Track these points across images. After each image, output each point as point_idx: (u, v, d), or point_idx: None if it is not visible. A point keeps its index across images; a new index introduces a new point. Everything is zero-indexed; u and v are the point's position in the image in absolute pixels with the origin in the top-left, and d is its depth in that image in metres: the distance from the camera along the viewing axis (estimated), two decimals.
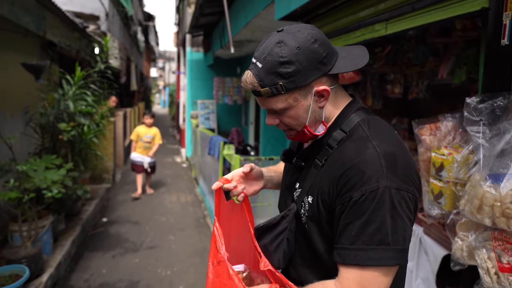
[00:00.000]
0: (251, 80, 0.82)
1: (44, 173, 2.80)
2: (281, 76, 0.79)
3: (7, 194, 2.58)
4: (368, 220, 0.72)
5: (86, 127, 3.74)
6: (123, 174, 6.85)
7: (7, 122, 3.52)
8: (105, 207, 4.93)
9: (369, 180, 0.73)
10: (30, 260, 2.57)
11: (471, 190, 1.33)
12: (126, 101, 10.90)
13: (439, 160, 1.57)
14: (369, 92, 3.60)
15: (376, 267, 0.72)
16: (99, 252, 3.50)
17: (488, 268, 1.31)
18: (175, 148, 10.85)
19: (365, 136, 0.81)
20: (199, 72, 8.45)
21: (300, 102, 0.83)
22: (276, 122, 0.89)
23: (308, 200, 0.86)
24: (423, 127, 1.71)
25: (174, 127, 15.39)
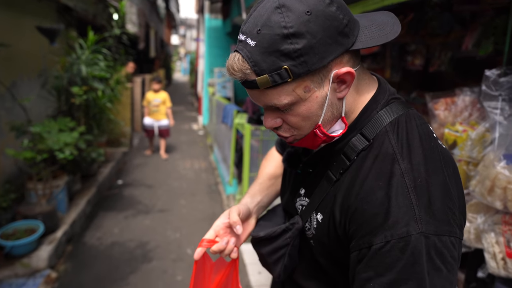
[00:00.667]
0: (241, 66, 0.58)
1: (58, 135, 2.86)
2: (286, 56, 0.56)
3: (22, 153, 2.67)
4: (397, 279, 0.53)
5: (100, 92, 3.77)
6: (141, 139, 6.98)
7: (24, 85, 3.59)
8: (121, 170, 5.08)
9: (396, 223, 0.54)
10: (45, 216, 2.69)
11: (484, 170, 1.24)
12: (146, 68, 10.92)
13: (452, 137, 1.46)
14: (388, 64, 3.41)
15: None
16: (112, 213, 3.64)
17: (495, 253, 1.24)
18: (193, 115, 10.91)
19: (391, 153, 0.60)
20: (217, 40, 8.28)
21: (314, 92, 0.60)
22: (278, 124, 0.65)
23: (317, 218, 0.70)
24: (437, 101, 1.59)
25: (193, 94, 15.43)
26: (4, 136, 3.22)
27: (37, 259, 2.49)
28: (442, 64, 2.78)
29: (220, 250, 0.78)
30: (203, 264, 0.80)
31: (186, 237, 3.22)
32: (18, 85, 3.47)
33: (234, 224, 0.78)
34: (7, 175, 3.29)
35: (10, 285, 2.31)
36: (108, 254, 2.87)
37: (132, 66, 6.59)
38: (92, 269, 2.66)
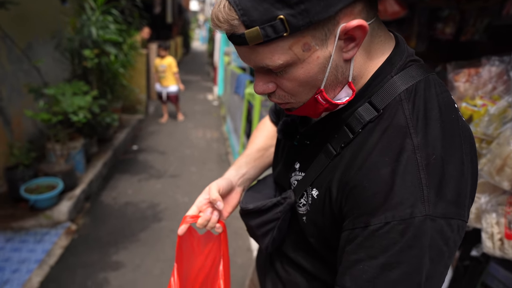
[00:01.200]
0: (228, 15, 0.47)
1: (72, 98, 2.98)
2: (282, 3, 0.45)
3: (39, 115, 2.81)
4: (390, 262, 0.47)
5: (113, 57, 3.83)
6: (156, 107, 7.11)
7: (40, 47, 3.68)
8: (136, 136, 5.24)
9: (400, 204, 0.47)
10: (64, 174, 2.87)
11: (497, 148, 1.18)
12: (163, 34, 10.85)
13: (469, 112, 1.41)
14: (414, 32, 3.16)
15: None
16: (126, 175, 3.82)
17: (493, 233, 1.21)
18: (209, 85, 10.92)
19: (404, 125, 0.51)
20: None
21: (315, 51, 0.49)
22: (271, 89, 0.55)
23: (312, 194, 0.63)
24: (459, 72, 1.50)
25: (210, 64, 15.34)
26: (23, 98, 3.37)
27: (58, 213, 2.69)
28: (476, 33, 2.52)
29: (204, 224, 0.76)
30: (190, 238, 0.81)
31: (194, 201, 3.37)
32: (34, 47, 3.57)
33: (214, 201, 0.76)
34: (29, 135, 3.48)
35: (36, 233, 2.54)
36: (122, 213, 3.06)
37: (148, 31, 6.58)
38: (107, 224, 2.85)
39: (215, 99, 8.90)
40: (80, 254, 2.43)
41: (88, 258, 2.40)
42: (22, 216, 2.61)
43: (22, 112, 3.32)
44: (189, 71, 13.19)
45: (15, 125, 3.23)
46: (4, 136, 3.07)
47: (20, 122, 3.32)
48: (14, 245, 2.37)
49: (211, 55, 15.42)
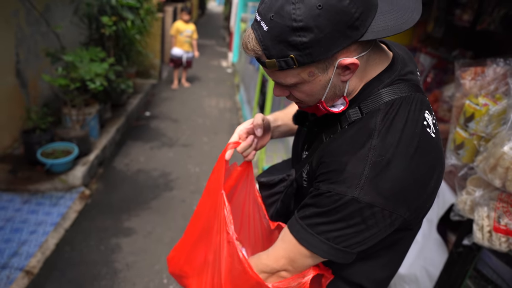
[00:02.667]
0: (254, 46, 0.63)
1: (89, 65, 2.98)
2: (293, 47, 0.59)
3: (57, 80, 2.84)
4: (322, 212, 0.67)
5: (130, 22, 3.77)
6: (169, 72, 7.07)
7: (58, 10, 3.65)
8: (149, 102, 5.27)
9: (343, 182, 0.64)
10: (79, 140, 2.95)
11: (492, 148, 1.23)
12: None
13: (471, 110, 1.42)
14: (432, 16, 3.12)
15: (308, 249, 0.69)
16: (139, 142, 3.90)
17: (483, 226, 1.29)
18: (223, 51, 10.72)
19: (372, 128, 0.66)
20: None
21: (318, 77, 0.65)
22: (286, 94, 0.73)
23: (307, 167, 0.82)
24: (466, 70, 1.51)
25: (225, 28, 14.92)
26: (40, 61, 3.40)
27: (73, 177, 2.80)
28: (492, 23, 2.52)
29: (245, 148, 0.90)
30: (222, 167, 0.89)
31: (205, 172, 3.44)
32: (52, 10, 3.54)
33: (257, 126, 0.90)
34: (44, 98, 3.54)
35: (51, 196, 2.66)
36: (134, 180, 3.16)
37: None
38: (119, 191, 2.96)
39: (229, 67, 8.77)
40: (93, 219, 2.55)
41: (101, 223, 2.52)
42: (38, 179, 2.72)
43: (38, 75, 3.36)
44: (204, 34, 12.88)
45: (31, 87, 3.28)
46: (21, 98, 3.14)
47: (36, 85, 3.37)
48: (31, 207, 2.50)
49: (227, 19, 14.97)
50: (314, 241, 0.68)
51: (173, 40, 5.93)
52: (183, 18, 5.85)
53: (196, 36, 6.06)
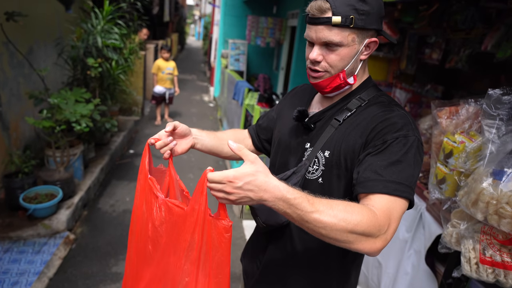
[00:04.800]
0: (323, 5, 0.84)
1: (74, 106, 2.98)
2: (355, 11, 0.83)
3: (41, 122, 2.81)
4: (399, 159, 0.81)
5: (114, 63, 3.83)
6: (152, 108, 7.10)
7: (41, 50, 3.67)
8: (132, 139, 5.24)
9: (402, 128, 0.84)
10: (63, 183, 2.88)
11: (472, 183, 1.32)
12: (159, 33, 10.79)
13: (449, 147, 1.53)
14: (405, 54, 3.37)
15: (400, 197, 0.80)
16: (124, 181, 3.83)
17: (470, 258, 1.36)
18: (205, 85, 10.91)
19: (387, 103, 0.92)
20: (234, 8, 8.08)
21: (354, 45, 0.87)
22: (321, 59, 0.90)
23: (324, 155, 0.93)
24: (442, 109, 1.64)
25: (205, 63, 15.27)
26: (23, 103, 3.36)
27: (57, 222, 2.70)
28: (460, 61, 2.74)
29: (162, 146, 0.99)
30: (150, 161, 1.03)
31: None
32: (34, 51, 3.56)
33: (168, 124, 1.00)
34: (26, 140, 3.47)
35: (34, 243, 2.54)
36: (120, 221, 3.08)
37: (146, 32, 6.56)
38: (105, 233, 2.88)
39: (211, 101, 8.90)
40: (79, 265, 2.45)
41: (87, 269, 2.43)
42: (20, 226, 2.62)
43: (20, 117, 3.31)
44: (185, 69, 13.12)
45: (12, 130, 3.22)
46: (3, 142, 3.07)
47: (18, 127, 3.31)
48: (13, 256, 2.38)
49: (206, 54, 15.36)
50: (402, 188, 0.80)
51: (155, 78, 6.04)
52: (163, 56, 6.01)
53: (177, 72, 6.21)
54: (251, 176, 0.69)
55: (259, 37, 7.44)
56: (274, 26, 7.40)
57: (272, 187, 0.70)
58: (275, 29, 7.40)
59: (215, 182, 0.72)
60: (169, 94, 6.11)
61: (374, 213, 0.76)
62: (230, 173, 0.70)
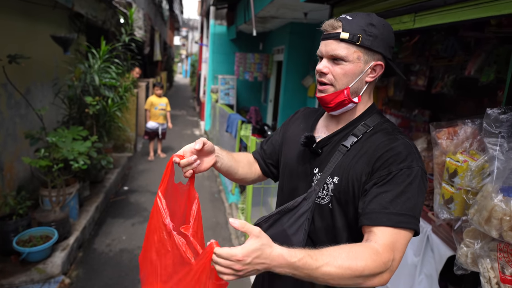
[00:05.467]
0: (335, 24, 0.92)
1: (71, 144, 2.96)
2: (363, 31, 0.91)
3: (38, 162, 2.76)
4: (403, 190, 0.84)
5: (110, 100, 3.87)
6: (144, 144, 7.07)
7: (38, 91, 3.69)
8: (126, 176, 5.17)
9: (406, 159, 0.86)
10: (59, 223, 2.78)
11: (482, 200, 1.35)
12: (150, 71, 11.01)
13: (453, 166, 1.57)
14: (391, 82, 3.53)
15: (404, 229, 0.83)
16: (120, 219, 3.73)
17: (490, 278, 1.35)
18: (195, 120, 11.00)
19: (391, 131, 0.94)
20: (222, 46, 8.38)
21: (359, 63, 0.92)
22: (326, 71, 0.95)
23: (333, 181, 0.94)
24: (440, 131, 1.70)
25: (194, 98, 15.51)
26: (18, 143, 3.32)
27: (52, 265, 2.58)
28: (445, 86, 2.89)
29: (185, 164, 0.94)
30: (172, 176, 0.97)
31: None
32: (32, 92, 3.57)
33: (198, 141, 0.96)
34: (20, 181, 3.38)
35: None
36: (117, 261, 2.96)
37: (138, 71, 6.70)
38: (102, 275, 2.75)
39: (202, 135, 8.95)
40: None
41: None
42: (12, 272, 2.48)
43: (15, 158, 3.25)
44: (175, 105, 13.26)
45: (7, 171, 3.15)
46: None
47: (13, 168, 3.24)
48: None
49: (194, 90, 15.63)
50: (407, 219, 0.82)
51: (148, 114, 6.12)
52: (157, 92, 6.14)
53: (169, 108, 6.32)
54: (258, 252, 0.71)
55: (247, 72, 7.67)
56: (261, 61, 7.68)
57: (277, 256, 0.73)
58: (262, 64, 7.67)
59: (223, 258, 0.71)
60: (162, 129, 6.17)
61: (377, 252, 0.80)
62: (238, 252, 0.70)
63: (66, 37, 3.50)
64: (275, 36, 7.15)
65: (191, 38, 31.60)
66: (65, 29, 4.28)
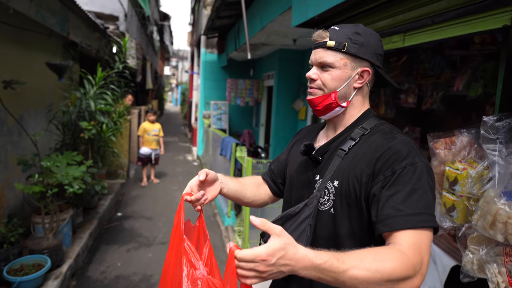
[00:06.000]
0: (323, 34, 0.98)
1: (66, 169, 2.91)
2: (349, 40, 0.95)
3: (31, 188, 2.70)
4: (413, 188, 0.81)
5: (104, 126, 3.86)
6: (137, 170, 6.99)
7: (31, 118, 3.67)
8: (119, 202, 5.06)
9: (408, 156, 0.85)
10: (52, 251, 2.68)
11: (485, 206, 1.37)
12: (141, 99, 11.09)
13: (453, 175, 1.61)
14: (382, 101, 3.63)
15: (425, 228, 0.80)
16: (114, 246, 3.61)
17: (498, 283, 1.35)
18: (187, 146, 10.98)
19: (389, 131, 0.95)
20: (213, 73, 8.56)
21: (346, 69, 0.96)
22: (315, 77, 0.99)
23: (333, 185, 0.94)
24: (438, 141, 1.74)
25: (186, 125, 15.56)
26: (9, 171, 3.25)
27: None
28: (434, 103, 2.99)
29: (194, 201, 0.95)
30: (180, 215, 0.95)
31: None
32: (25, 119, 3.55)
33: (201, 173, 0.99)
34: (10, 209, 3.28)
35: None
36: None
37: (131, 98, 6.74)
38: None
39: (195, 160, 8.90)
40: None
41: None
42: None
43: (5, 185, 3.18)
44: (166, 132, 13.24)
45: None
46: None
47: (3, 196, 3.15)
48: None
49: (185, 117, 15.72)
50: (425, 218, 0.80)
51: (141, 140, 6.12)
52: (150, 118, 6.18)
53: (162, 134, 6.33)
54: (282, 251, 0.67)
55: (238, 97, 7.81)
56: (252, 87, 7.84)
57: (302, 258, 0.69)
58: (253, 90, 7.83)
59: (246, 261, 0.67)
60: (155, 155, 6.15)
61: (404, 254, 0.76)
62: (262, 251, 0.66)
63: (61, 64, 3.53)
64: (265, 62, 7.35)
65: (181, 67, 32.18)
66: (59, 57, 4.33)
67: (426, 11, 1.79)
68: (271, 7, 3.80)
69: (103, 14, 6.33)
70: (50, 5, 3.27)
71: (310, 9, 2.72)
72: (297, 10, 3.02)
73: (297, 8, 3.02)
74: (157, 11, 15.23)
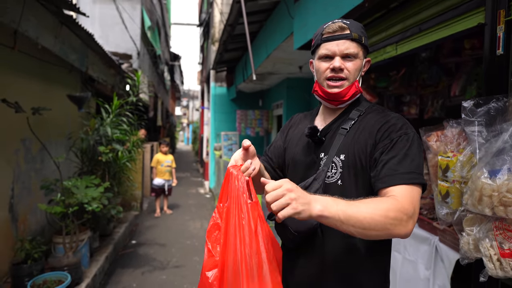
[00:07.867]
0: (343, 25, 1.07)
1: (85, 190, 3.10)
2: (362, 33, 1.10)
3: (54, 208, 2.88)
4: (406, 153, 0.98)
5: (120, 153, 4.09)
6: (150, 203, 7.13)
7: (51, 148, 3.93)
8: (133, 231, 5.16)
9: (402, 128, 1.02)
10: (71, 268, 2.79)
11: (472, 184, 1.47)
12: (153, 136, 11.48)
13: (445, 162, 1.71)
14: None
15: (416, 184, 0.96)
16: (129, 269, 3.68)
17: (491, 255, 1.41)
18: (199, 180, 11.14)
19: (382, 111, 1.12)
20: (223, 106, 8.88)
21: (361, 59, 1.10)
22: (342, 66, 1.08)
23: (340, 159, 1.06)
24: (430, 134, 1.86)
25: (197, 162, 15.84)
26: (32, 196, 3.45)
27: None
28: (436, 111, 3.11)
29: (244, 170, 0.99)
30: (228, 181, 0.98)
31: None
32: (47, 147, 3.80)
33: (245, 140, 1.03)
34: (32, 233, 3.43)
35: None
36: None
37: (144, 132, 7.05)
38: None
39: (207, 192, 9.01)
40: None
41: None
42: None
43: (29, 210, 3.36)
44: (178, 168, 13.47)
45: (20, 222, 3.23)
46: (10, 233, 3.05)
47: (26, 219, 3.32)
48: None
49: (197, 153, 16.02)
50: (416, 176, 0.96)
51: (154, 171, 6.32)
52: (162, 150, 6.41)
53: (175, 165, 6.52)
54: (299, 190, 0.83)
55: (248, 127, 8.05)
56: (262, 117, 8.10)
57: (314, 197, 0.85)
58: (263, 120, 8.08)
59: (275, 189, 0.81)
60: (168, 186, 6.30)
61: (396, 199, 0.91)
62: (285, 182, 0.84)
63: (81, 95, 3.85)
64: (274, 92, 7.64)
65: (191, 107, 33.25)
66: (78, 91, 4.69)
67: (413, 21, 2.00)
68: (275, 35, 4.11)
69: (118, 53, 6.84)
70: (72, 42, 3.65)
71: (310, 32, 2.98)
72: (298, 34, 3.30)
73: (298, 32, 3.30)
74: (168, 52, 16.14)
